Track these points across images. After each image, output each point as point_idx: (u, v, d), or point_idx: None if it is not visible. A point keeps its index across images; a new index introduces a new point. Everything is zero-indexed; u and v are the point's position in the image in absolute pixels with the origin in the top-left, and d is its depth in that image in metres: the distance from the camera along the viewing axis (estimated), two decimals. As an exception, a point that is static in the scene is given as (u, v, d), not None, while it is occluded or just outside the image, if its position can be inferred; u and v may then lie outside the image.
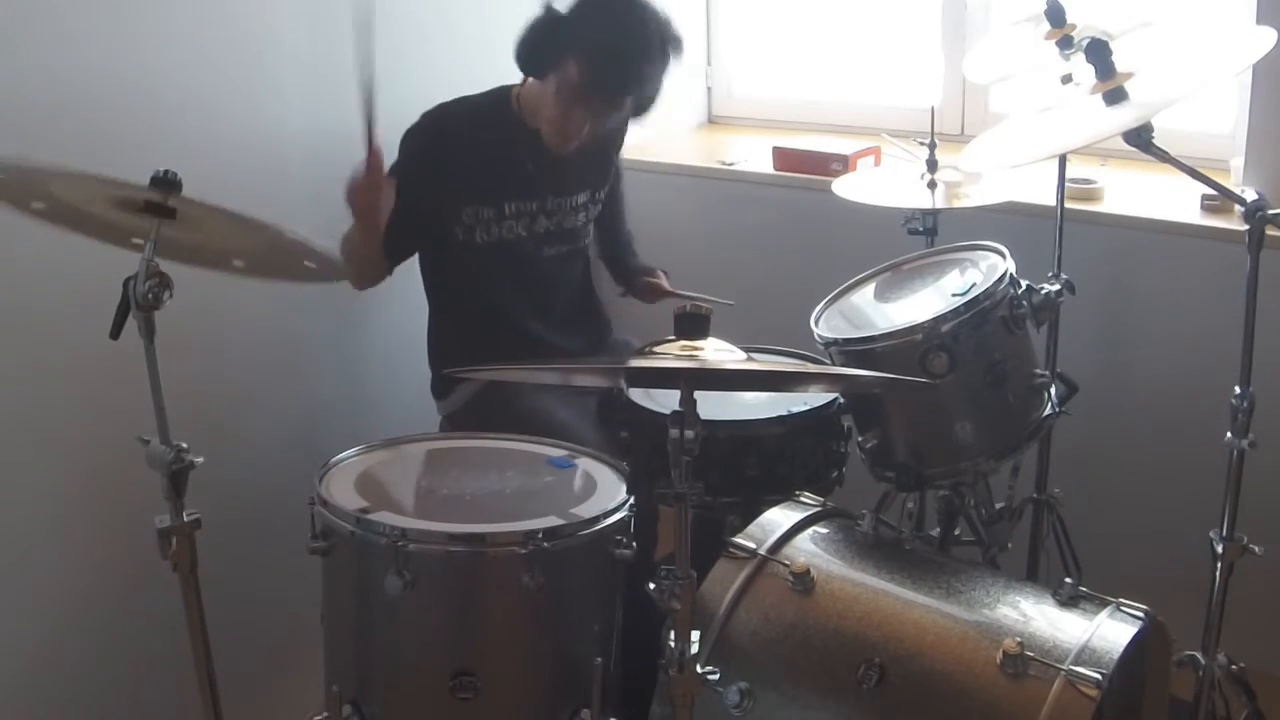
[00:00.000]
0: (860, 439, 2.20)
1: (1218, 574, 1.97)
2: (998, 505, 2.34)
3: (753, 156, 3.19)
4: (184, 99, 2.24)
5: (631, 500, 1.88)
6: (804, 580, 1.89)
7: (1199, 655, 2.02)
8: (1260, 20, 2.26)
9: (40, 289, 2.07)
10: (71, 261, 1.98)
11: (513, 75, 2.37)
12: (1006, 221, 2.49)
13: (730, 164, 3.18)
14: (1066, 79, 2.24)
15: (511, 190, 2.39)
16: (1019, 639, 1.70)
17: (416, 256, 2.47)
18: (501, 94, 2.42)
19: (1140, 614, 1.78)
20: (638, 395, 2.32)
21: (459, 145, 2.35)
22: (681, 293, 2.62)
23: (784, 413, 2.25)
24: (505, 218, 2.39)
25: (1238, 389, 1.93)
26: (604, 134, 2.41)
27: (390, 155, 2.34)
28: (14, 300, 2.05)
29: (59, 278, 2.05)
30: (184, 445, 1.70)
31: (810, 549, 1.98)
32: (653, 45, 2.26)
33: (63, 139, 2.03)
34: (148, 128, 2.17)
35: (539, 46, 2.26)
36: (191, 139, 2.21)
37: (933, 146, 2.57)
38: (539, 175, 2.39)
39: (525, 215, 2.42)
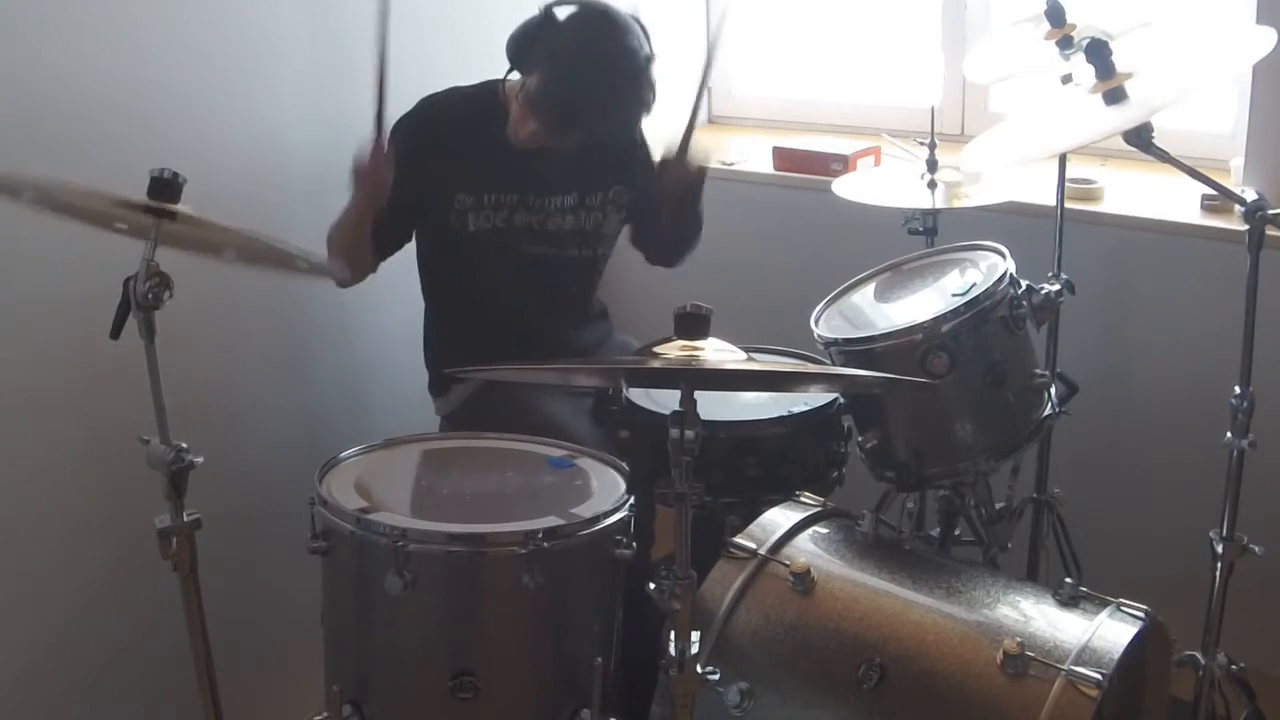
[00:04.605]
0: (860, 439, 2.20)
1: (1218, 574, 1.98)
2: (998, 505, 2.34)
3: (753, 156, 3.19)
4: (184, 100, 2.25)
5: (631, 500, 1.88)
6: (804, 580, 1.89)
7: (1199, 655, 2.02)
8: (1260, 20, 2.26)
9: (40, 289, 2.07)
10: (71, 261, 1.99)
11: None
12: (1006, 221, 2.49)
13: (730, 164, 3.17)
14: (1066, 79, 2.24)
15: (490, 179, 2.38)
16: (1019, 639, 1.70)
17: (415, 254, 2.47)
18: (491, 85, 2.41)
19: (1140, 614, 1.78)
20: (638, 395, 2.32)
21: (446, 131, 2.34)
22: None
23: (784, 413, 2.25)
24: (484, 207, 2.38)
25: (1238, 389, 1.93)
26: (593, 142, 2.34)
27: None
28: (14, 300, 2.05)
29: (59, 278, 2.05)
30: (184, 445, 1.70)
31: (810, 549, 1.98)
32: (609, 94, 2.22)
33: (62, 140, 2.03)
34: (148, 129, 2.17)
35: (522, 45, 2.25)
36: (191, 140, 2.21)
37: (933, 146, 2.57)
38: (520, 167, 2.36)
39: (505, 207, 2.40)
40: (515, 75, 2.31)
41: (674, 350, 1.65)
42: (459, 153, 2.35)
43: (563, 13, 2.23)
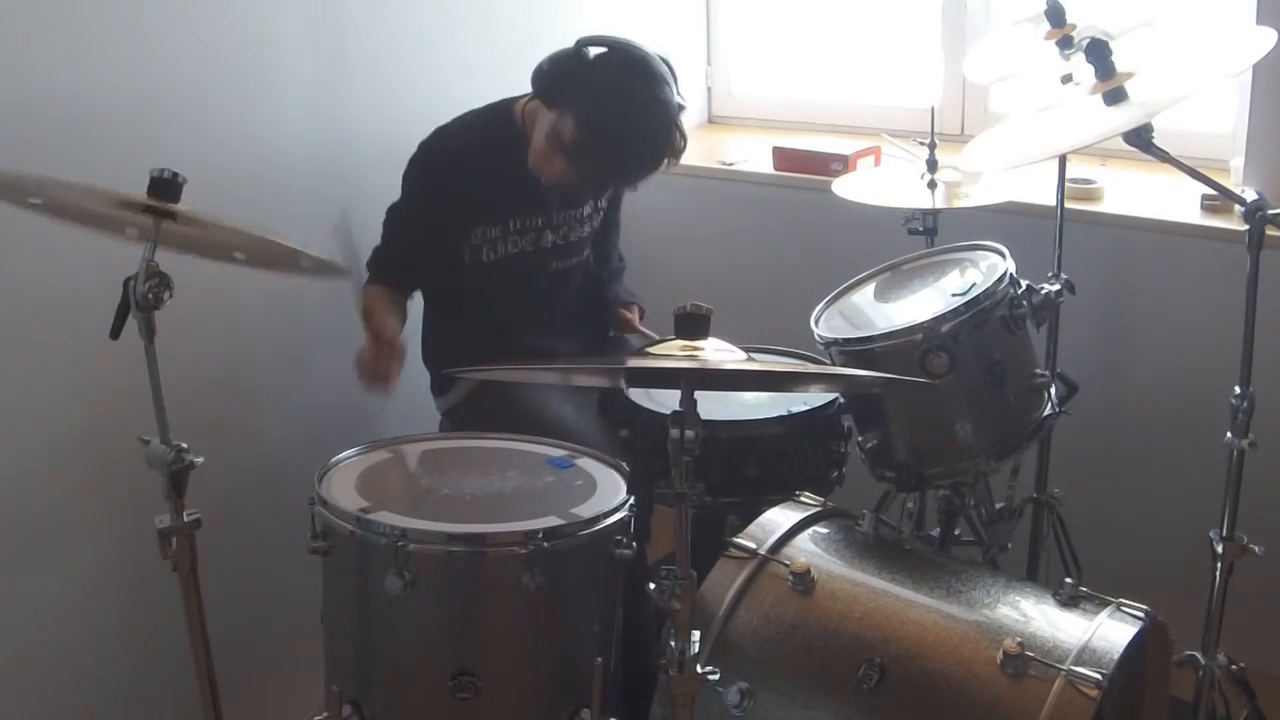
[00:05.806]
0: (860, 439, 2.21)
1: (1218, 574, 1.98)
2: (998, 505, 2.34)
3: (753, 156, 3.19)
4: (184, 100, 2.24)
5: (632, 500, 1.88)
6: (804, 580, 1.88)
7: (1199, 655, 2.02)
8: (1260, 21, 2.26)
9: (40, 289, 2.07)
10: (71, 262, 1.99)
11: (515, 86, 2.35)
12: (1006, 221, 2.49)
13: (730, 164, 3.18)
14: (1066, 79, 2.24)
15: (515, 206, 2.36)
16: (1019, 639, 1.70)
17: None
18: (502, 108, 2.37)
19: (1140, 614, 1.78)
20: (638, 395, 2.32)
21: (460, 167, 2.31)
22: (645, 331, 2.64)
23: (784, 413, 2.25)
24: (510, 233, 2.37)
25: (1238, 389, 1.94)
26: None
27: (393, 191, 2.34)
28: (14, 300, 2.05)
29: (59, 278, 2.05)
30: (184, 445, 1.70)
31: (810, 549, 1.98)
32: (647, 155, 2.22)
33: (64, 142, 2.03)
34: (149, 131, 2.17)
35: (554, 81, 2.21)
36: (192, 142, 2.21)
37: (933, 146, 2.57)
38: (543, 189, 2.34)
39: (531, 231, 2.39)
40: (538, 102, 2.27)
41: (674, 350, 1.65)
42: (476, 188, 2.32)
43: (595, 52, 2.20)
